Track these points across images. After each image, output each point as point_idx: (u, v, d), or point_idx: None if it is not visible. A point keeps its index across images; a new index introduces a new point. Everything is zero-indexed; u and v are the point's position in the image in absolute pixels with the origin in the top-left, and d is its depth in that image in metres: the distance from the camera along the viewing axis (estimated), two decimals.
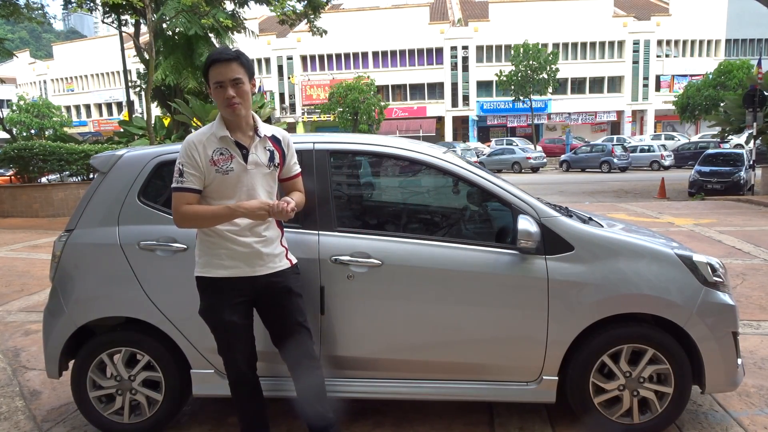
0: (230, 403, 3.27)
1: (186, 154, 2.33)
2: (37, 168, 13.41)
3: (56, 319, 2.95)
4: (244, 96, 2.33)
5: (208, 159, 2.33)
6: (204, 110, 13.49)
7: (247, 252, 2.39)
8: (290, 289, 2.49)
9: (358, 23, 45.05)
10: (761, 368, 3.72)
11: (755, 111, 15.36)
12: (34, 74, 57.00)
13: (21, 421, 3.26)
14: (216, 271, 2.40)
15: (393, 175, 3.44)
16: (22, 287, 6.53)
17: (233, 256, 2.39)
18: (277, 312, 2.50)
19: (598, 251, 2.76)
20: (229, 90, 2.29)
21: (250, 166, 2.37)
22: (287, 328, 2.49)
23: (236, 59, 2.31)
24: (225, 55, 2.31)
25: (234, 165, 2.34)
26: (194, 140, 2.36)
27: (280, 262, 2.48)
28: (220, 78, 2.29)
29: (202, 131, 2.40)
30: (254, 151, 2.38)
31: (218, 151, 2.34)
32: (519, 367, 2.81)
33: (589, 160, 28.61)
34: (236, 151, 2.36)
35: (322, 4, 16.78)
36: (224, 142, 2.35)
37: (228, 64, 2.29)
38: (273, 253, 2.46)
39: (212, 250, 2.41)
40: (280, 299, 2.47)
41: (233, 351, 2.48)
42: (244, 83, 2.33)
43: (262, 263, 2.42)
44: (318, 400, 2.51)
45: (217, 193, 2.36)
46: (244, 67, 2.33)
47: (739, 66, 35.92)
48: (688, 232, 9.03)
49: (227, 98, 2.29)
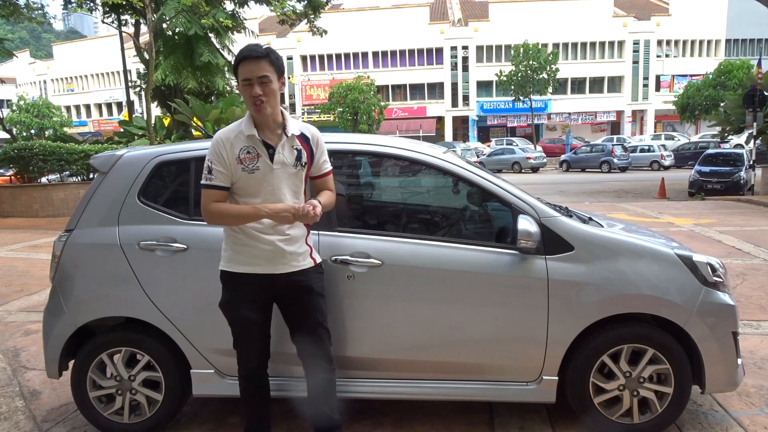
0: (230, 403, 3.28)
1: (214, 152, 2.35)
2: (37, 168, 13.41)
3: (56, 319, 2.95)
4: (271, 94, 2.31)
5: (235, 157, 2.33)
6: (204, 110, 13.49)
7: (269, 250, 2.39)
8: (311, 288, 2.48)
9: (358, 23, 45.03)
10: (761, 368, 3.72)
11: (755, 111, 15.35)
12: (34, 74, 56.98)
13: (21, 421, 3.26)
14: (238, 267, 2.42)
15: (393, 175, 3.44)
16: (22, 287, 6.53)
17: (256, 253, 2.40)
18: (297, 310, 2.50)
19: (598, 251, 2.76)
20: (255, 88, 2.27)
21: (276, 165, 2.36)
22: (306, 327, 2.50)
23: (266, 57, 2.29)
24: (255, 52, 2.29)
25: (260, 164, 2.34)
26: (222, 138, 2.36)
27: (303, 261, 2.47)
28: (247, 75, 2.28)
29: (231, 128, 2.40)
30: (281, 151, 2.37)
31: (245, 149, 2.34)
32: (519, 367, 2.81)
33: (589, 160, 28.61)
34: (263, 150, 2.35)
35: (322, 4, 16.77)
36: (251, 141, 2.35)
37: (257, 62, 2.27)
38: (297, 251, 2.45)
39: (236, 245, 2.42)
40: (300, 298, 2.48)
41: (247, 346, 2.50)
42: (271, 81, 2.30)
43: (284, 261, 2.42)
44: (326, 401, 2.53)
45: (243, 190, 2.37)
46: (273, 65, 2.31)
47: (739, 66, 35.92)
48: (688, 232, 9.03)
49: (253, 96, 2.28)
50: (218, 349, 2.87)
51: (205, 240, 2.84)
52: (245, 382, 2.57)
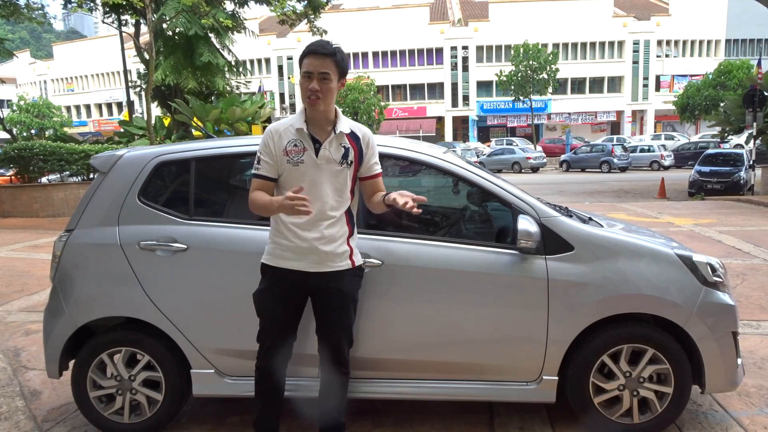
0: (230, 403, 3.29)
1: (263, 143, 2.40)
2: (37, 168, 13.41)
3: (56, 319, 2.95)
4: (328, 92, 2.33)
5: (282, 148, 2.36)
6: (204, 110, 13.51)
7: (305, 247, 2.39)
8: (342, 291, 2.47)
9: (358, 23, 45.03)
10: (761, 368, 3.72)
11: (755, 111, 15.36)
12: (34, 74, 57.00)
13: (21, 421, 3.26)
14: (274, 261, 2.44)
15: (393, 175, 3.44)
16: (22, 287, 6.53)
17: (292, 249, 2.41)
18: (323, 310, 2.51)
19: (598, 251, 2.76)
20: (314, 82, 2.29)
21: (321, 160, 2.37)
22: (330, 329, 2.51)
23: (332, 55, 2.31)
24: (322, 48, 2.31)
25: (305, 158, 2.36)
26: (272, 130, 2.41)
27: (340, 262, 2.45)
28: (310, 68, 2.30)
29: (284, 121, 2.45)
30: (327, 147, 2.38)
31: (293, 142, 2.37)
32: (519, 367, 2.81)
33: (589, 160, 28.61)
34: (309, 144, 2.37)
35: (322, 4, 16.77)
36: (300, 134, 2.38)
37: (322, 58, 2.30)
38: (334, 252, 2.43)
39: (277, 239, 2.45)
40: (329, 299, 2.48)
41: (271, 340, 2.51)
42: (331, 80, 2.32)
43: (318, 260, 2.41)
44: (336, 402, 2.55)
45: (287, 183, 2.39)
46: (337, 65, 2.33)
47: (739, 66, 35.93)
48: (688, 232, 9.03)
49: (310, 89, 2.30)
50: (218, 349, 2.87)
51: (205, 240, 2.84)
52: (260, 376, 2.56)
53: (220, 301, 2.83)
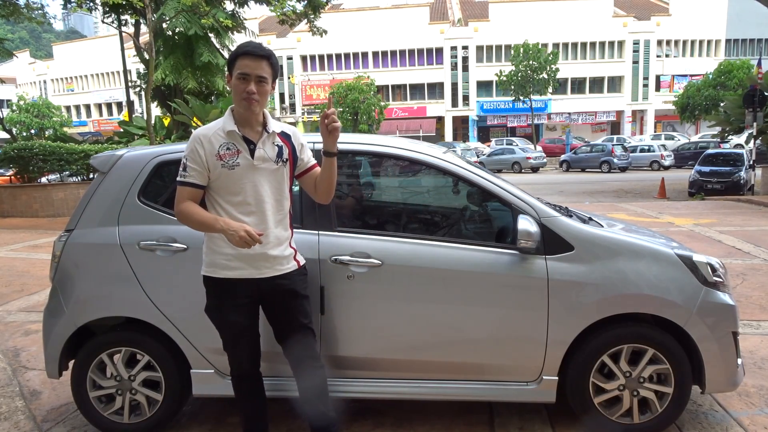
0: (230, 403, 3.28)
1: (191, 149, 2.33)
2: (37, 168, 13.41)
3: (56, 319, 2.95)
4: (264, 95, 2.33)
5: (215, 153, 2.31)
6: (204, 110, 13.49)
7: (253, 254, 2.35)
8: (296, 291, 2.47)
9: (358, 23, 45.03)
10: (761, 368, 3.72)
11: (755, 111, 15.35)
12: (34, 74, 56.97)
13: (21, 421, 3.26)
14: (221, 272, 2.39)
15: (393, 175, 3.44)
16: (22, 287, 6.53)
17: (239, 257, 2.36)
18: (282, 313, 2.49)
19: (598, 251, 2.76)
20: (251, 85, 2.28)
21: (257, 161, 2.34)
22: (291, 329, 2.49)
23: (267, 58, 2.30)
24: (258, 50, 2.30)
25: (240, 160, 2.32)
26: (200, 135, 2.35)
27: (287, 264, 2.45)
28: (246, 70, 2.27)
29: (210, 126, 2.39)
30: (261, 146, 2.36)
31: (225, 145, 2.32)
32: (519, 367, 2.81)
33: (589, 160, 28.60)
34: (243, 146, 2.34)
35: (322, 4, 16.77)
36: (231, 137, 2.33)
37: (259, 60, 2.28)
38: (281, 255, 2.43)
39: (219, 249, 2.38)
40: (284, 301, 2.47)
41: (237, 349, 2.49)
42: (267, 83, 2.32)
43: (268, 266, 2.40)
44: (320, 399, 2.51)
45: (223, 188, 2.34)
46: (272, 68, 2.33)
47: (739, 66, 35.91)
48: (688, 232, 9.03)
49: (248, 92, 2.27)
50: (218, 349, 2.85)
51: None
52: (238, 382, 2.56)
53: None
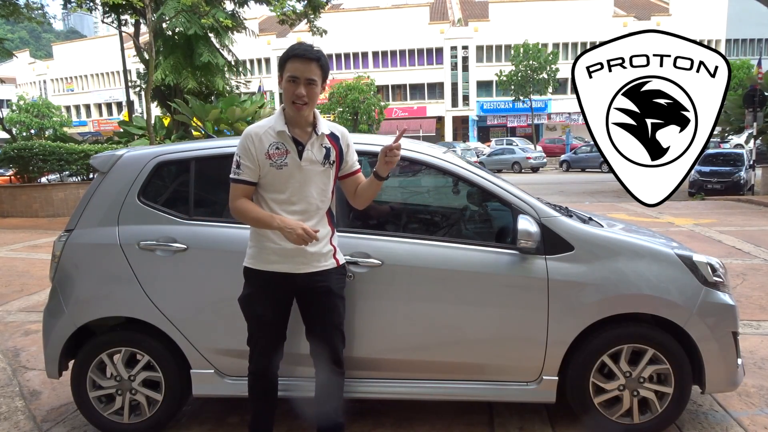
0: (230, 403, 3.28)
1: (243, 147, 2.35)
2: (37, 168, 13.41)
3: (56, 319, 2.95)
4: (313, 98, 2.33)
5: (264, 152, 2.32)
6: (204, 110, 13.49)
7: (292, 249, 2.37)
8: (330, 289, 2.48)
9: (358, 23, 45.03)
10: (761, 368, 3.72)
11: (755, 111, 15.36)
12: (34, 74, 56.99)
13: (21, 421, 3.26)
14: (260, 264, 2.42)
15: (393, 175, 3.44)
16: (22, 287, 6.53)
17: (279, 252, 2.39)
18: (315, 311, 2.50)
19: (598, 251, 2.76)
20: (301, 88, 2.28)
21: (305, 162, 2.35)
22: (321, 328, 2.50)
23: (317, 60, 2.30)
24: (309, 53, 2.29)
25: (288, 160, 2.33)
26: (252, 133, 2.36)
27: (325, 261, 2.46)
28: (296, 73, 2.27)
29: (262, 124, 2.40)
30: (310, 148, 2.36)
31: (274, 145, 2.33)
32: (519, 367, 2.81)
33: (589, 160, 28.60)
34: (292, 147, 2.34)
35: (322, 4, 16.77)
36: (281, 137, 2.34)
37: (308, 63, 2.28)
38: (320, 252, 2.44)
39: (261, 242, 2.41)
40: (319, 299, 2.47)
41: (258, 344, 2.50)
42: (316, 85, 2.31)
43: (305, 261, 2.41)
44: (332, 402, 2.54)
45: (270, 186, 2.37)
46: (321, 70, 2.32)
47: (739, 66, 35.88)
48: (688, 232, 9.03)
49: (297, 95, 2.28)
50: (218, 349, 2.87)
51: (204, 240, 2.84)
52: (254, 379, 2.56)
53: (219, 301, 2.83)
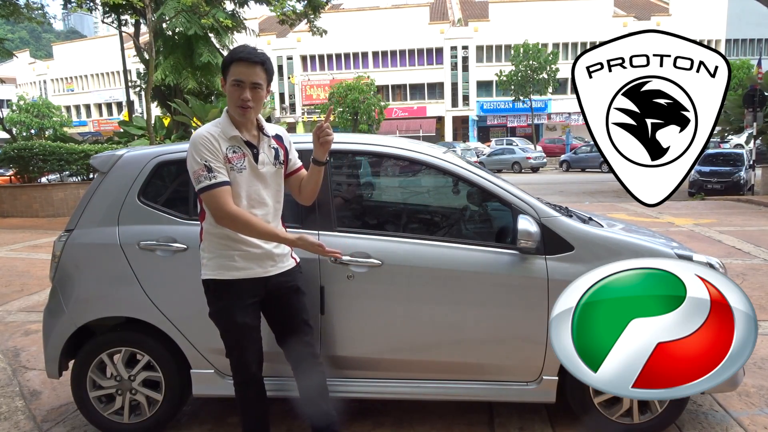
0: (230, 403, 3.27)
1: (207, 148, 2.25)
2: (37, 168, 13.42)
3: (56, 319, 2.95)
4: (259, 101, 2.32)
5: (223, 155, 2.28)
6: (204, 110, 13.49)
7: (259, 253, 2.37)
8: (298, 287, 2.51)
9: (358, 23, 45.02)
10: (761, 368, 3.72)
11: (755, 111, 15.36)
12: (34, 74, 56.98)
13: (21, 421, 3.26)
14: (229, 273, 2.36)
15: (393, 175, 3.45)
16: (22, 287, 6.53)
17: (246, 257, 2.36)
18: (285, 311, 2.50)
19: (598, 251, 2.76)
20: (246, 92, 2.26)
21: (260, 165, 2.35)
22: (293, 327, 2.50)
23: (262, 64, 2.28)
24: (252, 56, 2.26)
25: (246, 164, 2.32)
26: (209, 135, 2.27)
27: (287, 261, 2.49)
28: (241, 77, 2.25)
29: (209, 128, 2.32)
30: (263, 150, 2.37)
31: (231, 148, 2.30)
32: (519, 367, 2.81)
33: (589, 160, 28.60)
34: (247, 150, 2.33)
35: (322, 4, 16.77)
36: (235, 141, 2.32)
37: (253, 66, 2.26)
38: (282, 252, 2.46)
39: (224, 251, 2.35)
40: (288, 298, 2.48)
41: (244, 353, 2.44)
42: (262, 89, 2.30)
43: (273, 263, 2.42)
44: (321, 397, 2.51)
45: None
46: (266, 73, 2.31)
47: (739, 66, 35.89)
48: (688, 232, 9.03)
49: (243, 99, 2.26)
50: (218, 349, 2.85)
51: None
52: (244, 389, 2.51)
53: None
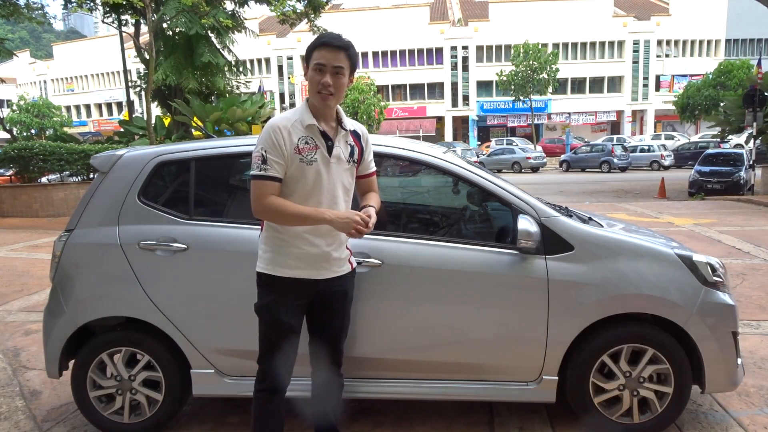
0: (230, 403, 3.28)
1: (270, 140, 2.16)
2: (37, 168, 13.41)
3: (56, 319, 2.95)
4: (340, 88, 2.21)
5: (294, 146, 2.18)
6: (204, 110, 13.50)
7: (315, 254, 2.27)
8: (347, 293, 2.42)
9: (358, 23, 44.97)
10: (761, 368, 3.72)
11: (755, 111, 15.36)
12: (34, 74, 56.97)
13: (21, 421, 3.26)
14: (282, 270, 2.26)
15: (393, 175, 3.45)
16: (22, 287, 6.53)
17: (301, 257, 2.26)
18: (329, 315, 2.41)
19: (598, 251, 2.76)
20: (327, 76, 2.16)
21: (333, 159, 2.24)
22: (332, 332, 2.44)
23: (346, 49, 2.19)
24: (336, 40, 2.18)
25: (318, 156, 2.21)
26: (279, 125, 2.19)
27: (343, 266, 2.39)
28: (323, 60, 2.16)
29: (287, 116, 2.25)
30: (338, 144, 2.27)
31: (304, 139, 2.19)
32: (519, 367, 2.81)
33: (589, 160, 28.61)
34: (321, 142, 2.22)
35: (322, 4, 16.77)
36: (310, 131, 2.21)
37: (336, 51, 2.17)
38: (340, 257, 2.36)
39: (281, 247, 2.26)
40: (334, 304, 2.40)
41: (279, 355, 2.31)
42: (344, 75, 2.20)
43: (327, 266, 2.31)
44: (333, 405, 2.51)
45: (296, 183, 2.21)
46: (349, 60, 2.21)
47: (739, 66, 35.90)
48: (688, 232, 9.02)
49: (323, 83, 2.16)
50: (218, 349, 2.87)
51: (205, 240, 2.84)
52: (267, 398, 2.34)
53: (220, 301, 2.83)
